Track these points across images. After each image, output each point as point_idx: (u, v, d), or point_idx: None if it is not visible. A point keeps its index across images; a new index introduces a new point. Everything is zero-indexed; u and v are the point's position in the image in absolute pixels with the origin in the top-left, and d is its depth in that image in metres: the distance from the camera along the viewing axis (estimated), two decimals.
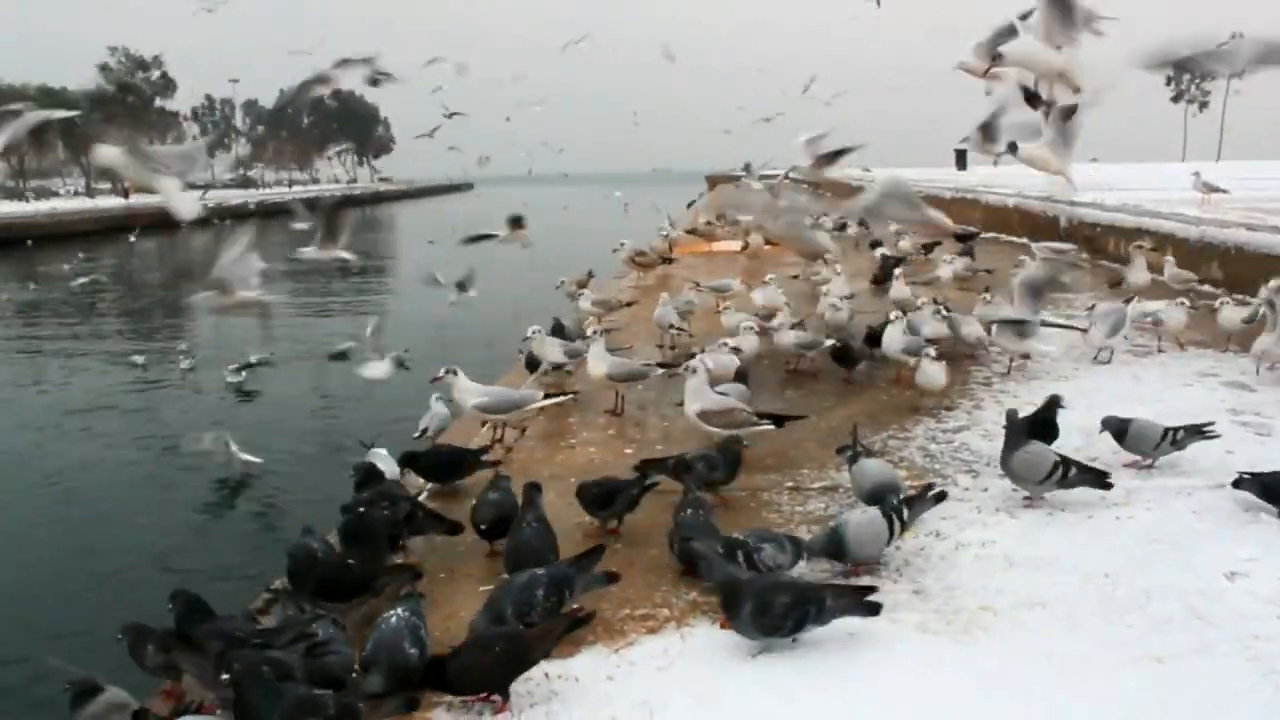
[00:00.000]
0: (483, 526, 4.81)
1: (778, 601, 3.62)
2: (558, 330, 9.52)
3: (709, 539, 4.27)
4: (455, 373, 6.49)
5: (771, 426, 6.00)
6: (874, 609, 3.77)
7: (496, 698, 3.46)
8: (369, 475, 5.50)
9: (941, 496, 4.77)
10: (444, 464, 5.95)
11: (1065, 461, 4.97)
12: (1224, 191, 17.57)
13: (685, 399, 6.08)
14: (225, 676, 3.24)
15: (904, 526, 4.40)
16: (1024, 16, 4.70)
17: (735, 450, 5.53)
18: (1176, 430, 5.52)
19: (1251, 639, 3.70)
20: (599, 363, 7.18)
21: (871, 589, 3.97)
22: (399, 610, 3.68)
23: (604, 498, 4.98)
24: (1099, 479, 5.03)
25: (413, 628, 3.59)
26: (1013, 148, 4.62)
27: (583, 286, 12.01)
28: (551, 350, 7.95)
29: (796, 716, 3.33)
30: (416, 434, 7.05)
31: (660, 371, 7.55)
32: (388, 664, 3.45)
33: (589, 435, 6.89)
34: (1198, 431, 5.57)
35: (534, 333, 8.09)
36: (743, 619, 3.65)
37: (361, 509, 4.87)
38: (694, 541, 4.18)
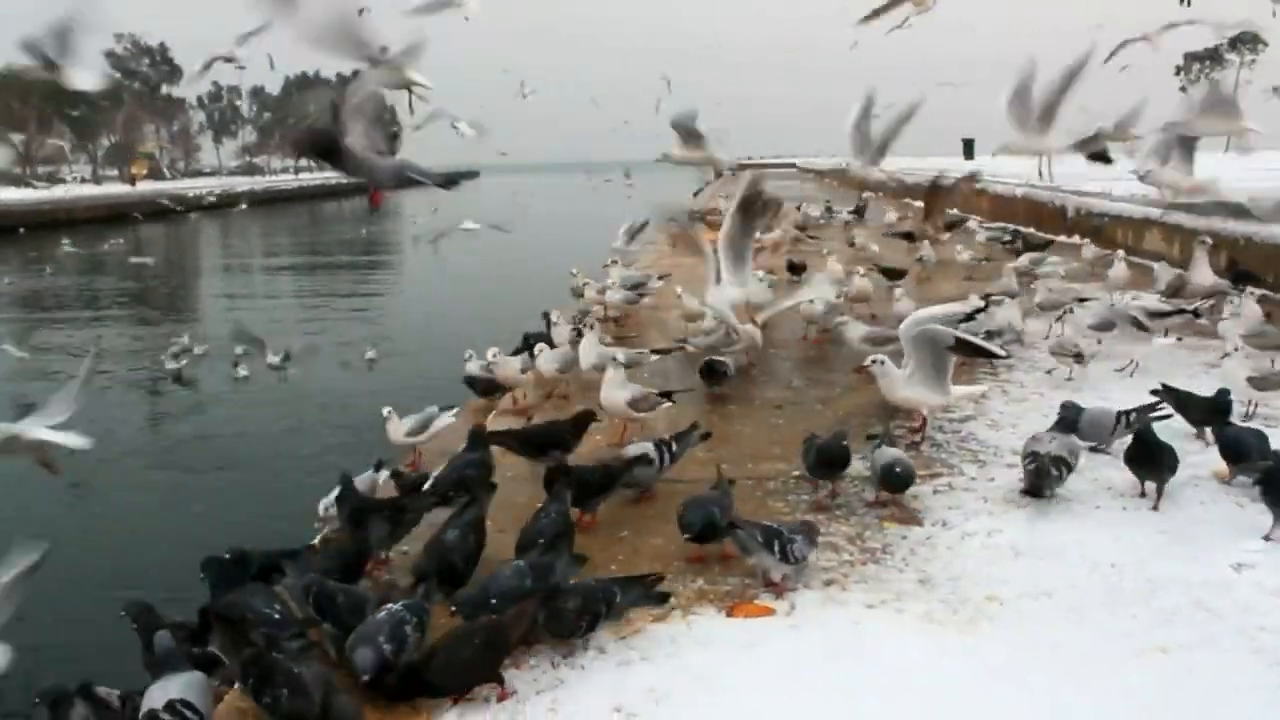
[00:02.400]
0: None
1: (568, 609, 3.61)
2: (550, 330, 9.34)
3: (723, 517, 4.30)
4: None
5: (669, 403, 6.52)
6: (663, 598, 3.92)
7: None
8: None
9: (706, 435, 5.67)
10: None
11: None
12: None
13: (606, 390, 6.23)
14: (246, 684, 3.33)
15: (674, 458, 5.27)
16: None
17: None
18: (1129, 414, 5.56)
19: (1257, 631, 3.71)
20: (591, 354, 7.35)
21: (661, 577, 4.00)
22: (394, 605, 3.61)
23: (595, 488, 4.94)
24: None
25: (396, 622, 3.51)
26: None
27: None
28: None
29: (801, 705, 3.34)
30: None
31: (655, 358, 7.79)
32: (370, 649, 3.43)
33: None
34: (1150, 412, 5.59)
35: (475, 356, 8.09)
36: (541, 627, 3.64)
37: None
38: (739, 529, 4.15)
